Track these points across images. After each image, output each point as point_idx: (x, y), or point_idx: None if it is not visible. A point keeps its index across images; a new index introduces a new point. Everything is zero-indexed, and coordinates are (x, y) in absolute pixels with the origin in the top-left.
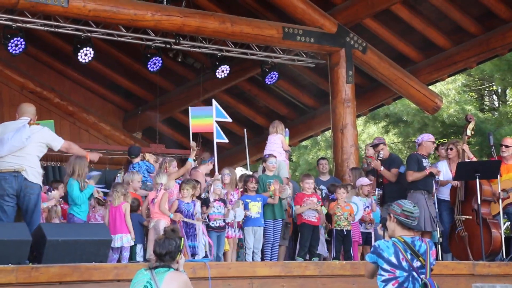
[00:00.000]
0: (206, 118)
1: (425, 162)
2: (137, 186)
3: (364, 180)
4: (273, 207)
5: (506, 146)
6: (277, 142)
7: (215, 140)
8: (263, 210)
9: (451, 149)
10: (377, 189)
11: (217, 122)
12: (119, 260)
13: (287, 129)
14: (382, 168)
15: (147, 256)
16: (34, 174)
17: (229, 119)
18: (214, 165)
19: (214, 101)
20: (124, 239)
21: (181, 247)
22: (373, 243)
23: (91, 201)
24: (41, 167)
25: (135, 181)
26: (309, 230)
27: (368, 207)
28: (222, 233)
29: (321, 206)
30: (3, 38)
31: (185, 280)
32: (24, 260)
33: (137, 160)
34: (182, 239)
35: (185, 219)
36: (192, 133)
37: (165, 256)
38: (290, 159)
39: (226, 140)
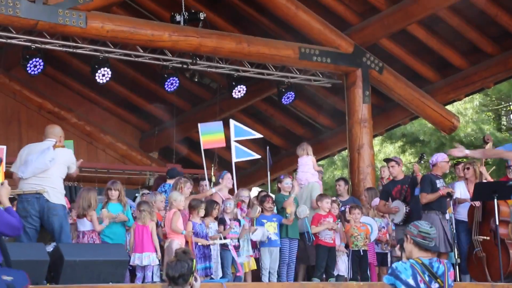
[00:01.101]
0: (217, 134)
1: (439, 183)
2: (161, 206)
3: (378, 201)
4: (288, 226)
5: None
6: (308, 163)
7: (234, 160)
8: (279, 230)
9: (468, 168)
10: (404, 205)
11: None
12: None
13: None
14: (420, 172)
15: (164, 276)
16: (56, 195)
17: (257, 135)
18: (233, 184)
19: (231, 121)
20: (151, 257)
21: (194, 268)
22: (389, 264)
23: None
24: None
25: (158, 201)
26: (325, 251)
27: (384, 227)
28: (237, 252)
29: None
30: (22, 59)
31: None
32: (42, 280)
33: (171, 181)
34: (194, 260)
35: (199, 240)
36: (208, 151)
37: (178, 279)
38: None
39: (257, 156)
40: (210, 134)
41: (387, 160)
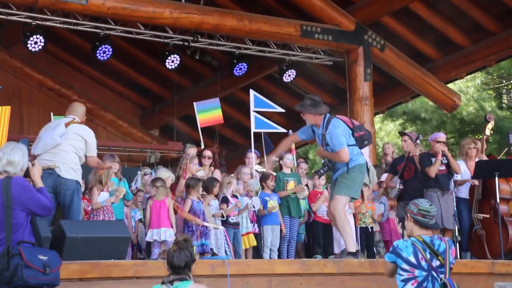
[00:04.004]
0: (214, 111)
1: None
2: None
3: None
4: (289, 204)
5: None
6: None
7: (253, 130)
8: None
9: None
10: (399, 181)
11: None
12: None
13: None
14: (417, 153)
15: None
16: (67, 170)
17: (278, 109)
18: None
19: (251, 91)
20: (167, 232)
21: (194, 256)
22: None
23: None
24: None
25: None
26: (320, 228)
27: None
28: (238, 230)
29: None
30: (23, 36)
31: None
32: None
33: None
34: (194, 247)
35: (195, 220)
36: (209, 129)
37: (184, 269)
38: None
39: (278, 128)
40: (206, 112)
41: (402, 134)
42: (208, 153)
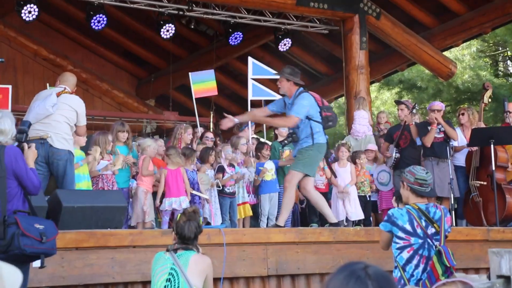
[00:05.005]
0: (208, 82)
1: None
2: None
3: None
4: (285, 173)
5: (509, 112)
6: (365, 117)
7: (250, 98)
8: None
9: (463, 114)
10: (395, 150)
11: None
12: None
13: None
14: (413, 122)
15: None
16: (60, 140)
17: (275, 76)
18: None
19: (250, 58)
20: (187, 201)
21: (202, 226)
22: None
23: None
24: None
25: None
26: None
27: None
28: (234, 199)
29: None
30: (16, 5)
31: (209, 264)
32: None
33: None
34: (201, 218)
35: (195, 192)
36: (205, 99)
37: (194, 240)
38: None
39: (275, 96)
40: (201, 83)
41: (398, 102)
42: (210, 135)
